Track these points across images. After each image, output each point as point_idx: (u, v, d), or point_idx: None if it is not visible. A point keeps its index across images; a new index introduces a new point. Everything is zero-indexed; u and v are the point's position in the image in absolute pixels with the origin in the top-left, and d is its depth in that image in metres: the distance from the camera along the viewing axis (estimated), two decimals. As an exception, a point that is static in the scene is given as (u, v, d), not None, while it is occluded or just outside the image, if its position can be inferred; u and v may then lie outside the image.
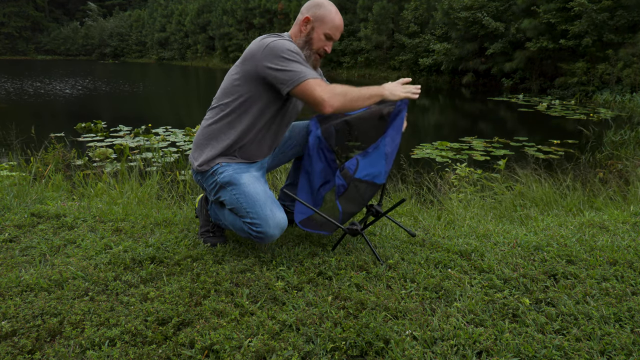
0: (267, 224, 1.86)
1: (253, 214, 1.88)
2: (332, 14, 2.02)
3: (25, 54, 63.12)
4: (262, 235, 1.88)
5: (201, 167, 2.01)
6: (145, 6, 60.64)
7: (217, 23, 40.69)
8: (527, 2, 17.47)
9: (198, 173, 2.06)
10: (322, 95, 1.85)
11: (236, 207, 1.94)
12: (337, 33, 2.05)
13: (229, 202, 1.97)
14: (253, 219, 1.88)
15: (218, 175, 1.98)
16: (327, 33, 2.02)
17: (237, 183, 1.94)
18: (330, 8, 2.03)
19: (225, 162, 1.99)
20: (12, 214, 2.51)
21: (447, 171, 4.90)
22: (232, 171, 1.97)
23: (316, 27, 2.01)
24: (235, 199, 1.93)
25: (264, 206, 1.88)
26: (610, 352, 1.33)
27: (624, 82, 14.51)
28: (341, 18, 2.05)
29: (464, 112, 14.02)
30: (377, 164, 1.94)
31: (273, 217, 1.87)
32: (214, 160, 2.00)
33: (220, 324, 1.46)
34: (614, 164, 5.52)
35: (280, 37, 1.97)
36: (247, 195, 1.91)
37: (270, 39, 1.93)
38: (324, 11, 2.01)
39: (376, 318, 1.49)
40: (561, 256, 1.97)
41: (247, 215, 1.90)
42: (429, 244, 2.14)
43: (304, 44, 2.02)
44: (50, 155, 5.15)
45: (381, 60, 26.43)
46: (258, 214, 1.87)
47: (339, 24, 2.04)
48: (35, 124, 7.86)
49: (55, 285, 1.71)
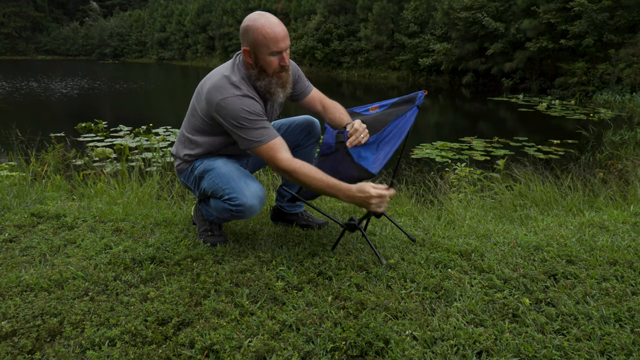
0: (243, 195, 1.90)
1: (228, 189, 1.93)
2: (261, 29, 1.81)
3: (25, 54, 63.10)
4: (242, 208, 1.91)
5: (179, 166, 2.12)
6: (145, 6, 60.66)
7: (217, 23, 40.69)
8: (527, 2, 17.47)
9: (180, 173, 2.15)
10: (275, 158, 1.86)
11: (214, 190, 1.99)
12: (281, 43, 1.84)
13: (208, 188, 2.02)
14: (230, 194, 1.92)
15: (195, 170, 2.07)
16: (270, 52, 1.84)
17: (211, 168, 2.01)
18: (258, 24, 1.82)
19: (200, 158, 2.08)
20: (12, 214, 2.51)
21: (447, 171, 4.90)
22: (207, 161, 2.05)
23: (258, 53, 1.85)
24: (212, 181, 1.99)
25: (238, 179, 1.93)
26: (610, 352, 1.33)
27: (624, 82, 14.51)
28: (273, 23, 1.83)
29: (464, 112, 14.02)
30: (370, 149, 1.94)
31: (248, 188, 1.91)
32: (190, 161, 2.09)
33: (220, 324, 1.46)
34: (614, 164, 5.52)
35: (237, 86, 1.86)
36: (221, 174, 1.97)
37: (218, 96, 1.84)
38: (253, 35, 1.82)
39: (376, 318, 1.49)
40: (561, 256, 1.97)
41: (224, 192, 1.95)
42: (429, 244, 2.14)
43: (259, 74, 1.90)
44: (50, 155, 5.14)
45: (381, 60, 26.43)
46: (233, 188, 1.92)
47: (273, 34, 1.82)
48: (35, 124, 7.86)
49: (55, 285, 1.72)
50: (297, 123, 2.27)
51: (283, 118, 2.36)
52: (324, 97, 2.22)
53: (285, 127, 2.27)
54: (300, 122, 2.27)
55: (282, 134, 2.25)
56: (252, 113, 1.85)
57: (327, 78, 26.33)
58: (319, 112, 2.19)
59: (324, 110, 2.16)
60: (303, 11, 32.43)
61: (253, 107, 1.87)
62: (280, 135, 2.25)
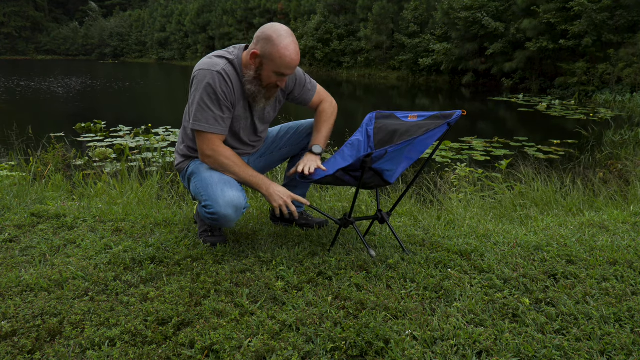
0: (216, 203, 1.85)
1: (205, 196, 1.91)
2: (282, 50, 1.80)
3: (25, 54, 63.13)
4: (215, 216, 1.88)
5: (178, 165, 2.14)
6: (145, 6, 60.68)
7: (217, 23, 40.72)
8: (527, 2, 17.48)
9: (179, 172, 2.16)
10: (203, 150, 1.95)
11: (196, 194, 1.99)
12: (289, 70, 1.86)
13: (193, 192, 2.02)
14: (205, 201, 1.91)
15: (187, 169, 2.08)
16: (277, 71, 1.85)
17: (197, 172, 2.00)
18: (282, 42, 1.80)
19: (197, 158, 2.08)
20: (12, 214, 2.51)
21: (447, 171, 4.90)
22: (196, 163, 2.05)
23: (265, 64, 1.85)
24: (195, 186, 1.99)
25: (215, 187, 1.89)
26: (610, 352, 1.33)
27: (624, 82, 14.51)
28: (294, 51, 1.83)
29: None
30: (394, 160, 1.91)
31: (223, 196, 1.86)
32: (189, 158, 2.10)
33: (220, 324, 1.46)
34: (614, 164, 5.52)
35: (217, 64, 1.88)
36: (202, 180, 1.95)
37: (202, 67, 1.88)
38: (272, 48, 1.80)
39: (376, 318, 1.49)
40: (561, 256, 1.97)
41: (201, 199, 1.94)
42: (429, 244, 2.14)
43: (253, 80, 1.91)
44: (50, 155, 5.15)
45: (381, 60, 26.44)
46: (209, 195, 1.89)
47: (290, 61, 1.82)
48: (35, 124, 7.86)
49: (55, 285, 1.71)
50: (304, 127, 2.28)
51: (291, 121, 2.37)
52: (325, 102, 2.22)
53: (293, 131, 2.29)
54: (307, 126, 2.28)
55: (289, 137, 2.28)
56: (214, 92, 1.86)
57: (327, 78, 26.33)
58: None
59: (315, 115, 2.22)
60: (303, 11, 32.45)
61: (220, 86, 1.87)
62: (288, 138, 2.27)
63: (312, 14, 31.07)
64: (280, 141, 2.29)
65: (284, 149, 2.29)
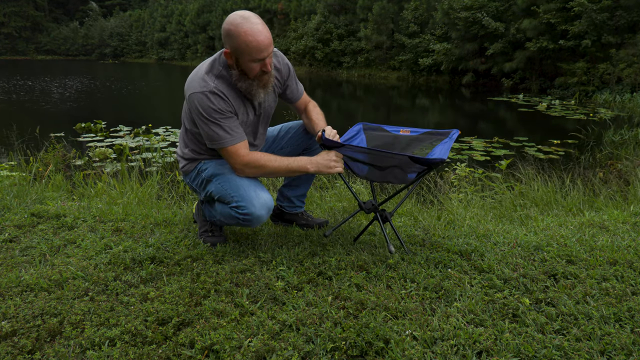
0: (252, 204, 1.89)
1: (237, 197, 1.92)
2: (244, 37, 1.75)
3: (25, 54, 63.13)
4: (249, 217, 1.90)
5: (184, 168, 2.11)
6: (145, 6, 60.70)
7: (217, 23, 40.70)
8: (527, 2, 17.49)
9: (185, 175, 2.15)
10: (234, 165, 1.95)
11: (222, 195, 1.98)
12: (264, 52, 1.80)
13: (215, 192, 2.01)
14: (238, 202, 1.92)
15: (202, 172, 2.06)
16: (252, 59, 1.81)
17: (220, 173, 2.00)
18: (241, 31, 1.75)
19: (207, 159, 2.07)
20: (12, 214, 2.51)
21: (447, 171, 4.89)
22: (215, 165, 2.04)
23: (239, 58, 1.82)
24: (221, 187, 1.98)
25: (248, 188, 1.93)
26: (610, 352, 1.33)
27: (624, 82, 14.51)
28: (257, 32, 1.76)
29: (464, 112, 14.01)
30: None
31: (257, 198, 1.90)
32: (196, 160, 2.08)
33: (220, 324, 1.46)
34: (614, 164, 5.52)
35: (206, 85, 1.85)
36: (230, 181, 1.96)
37: (194, 91, 1.86)
38: (236, 41, 1.77)
39: (376, 318, 1.49)
40: (561, 256, 1.97)
41: (232, 200, 1.94)
42: (429, 244, 2.14)
43: (240, 77, 1.88)
44: (50, 155, 5.15)
45: (381, 60, 26.44)
46: (242, 196, 1.91)
47: (257, 44, 1.76)
48: (35, 124, 7.86)
49: (55, 285, 1.71)
50: (305, 126, 2.27)
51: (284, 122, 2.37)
52: (311, 102, 2.26)
53: (294, 130, 2.28)
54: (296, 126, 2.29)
55: (290, 137, 2.27)
56: (215, 111, 1.86)
57: (327, 78, 26.33)
58: (300, 113, 2.25)
59: (305, 113, 2.21)
60: (303, 11, 32.45)
61: (217, 104, 1.85)
62: (289, 137, 2.27)
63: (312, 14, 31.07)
64: (282, 141, 2.29)
65: (285, 148, 2.29)
